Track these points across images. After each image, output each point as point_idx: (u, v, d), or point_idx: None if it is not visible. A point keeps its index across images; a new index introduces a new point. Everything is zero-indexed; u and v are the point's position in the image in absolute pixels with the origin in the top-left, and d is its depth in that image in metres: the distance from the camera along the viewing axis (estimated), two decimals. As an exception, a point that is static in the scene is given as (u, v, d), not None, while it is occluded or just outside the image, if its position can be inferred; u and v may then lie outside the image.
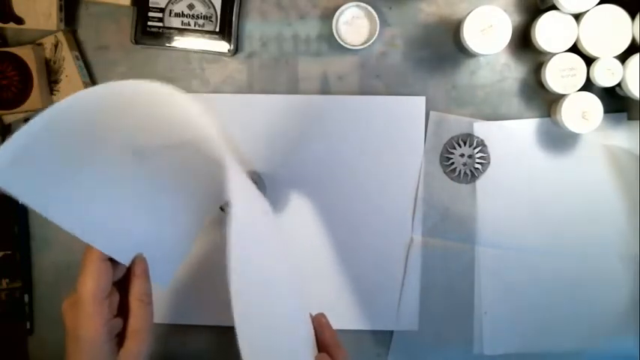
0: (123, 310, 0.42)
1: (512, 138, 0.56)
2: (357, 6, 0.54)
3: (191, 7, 0.55)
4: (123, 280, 0.43)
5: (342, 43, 0.54)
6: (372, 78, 0.57)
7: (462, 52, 0.55)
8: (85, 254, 0.41)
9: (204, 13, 0.55)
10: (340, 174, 0.56)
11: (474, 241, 0.56)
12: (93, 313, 0.39)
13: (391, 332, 0.57)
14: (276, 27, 0.57)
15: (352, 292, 0.57)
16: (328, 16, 0.56)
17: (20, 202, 0.35)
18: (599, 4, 0.50)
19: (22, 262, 0.58)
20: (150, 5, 0.55)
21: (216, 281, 0.58)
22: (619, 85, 0.51)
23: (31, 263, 0.59)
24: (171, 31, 0.55)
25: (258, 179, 0.53)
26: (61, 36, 0.55)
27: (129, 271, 0.43)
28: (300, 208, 0.57)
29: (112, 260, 0.41)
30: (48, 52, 0.56)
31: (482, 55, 0.53)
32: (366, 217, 0.56)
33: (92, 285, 0.40)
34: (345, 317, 0.57)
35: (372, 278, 0.57)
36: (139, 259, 0.43)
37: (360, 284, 0.57)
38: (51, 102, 0.56)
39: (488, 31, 0.50)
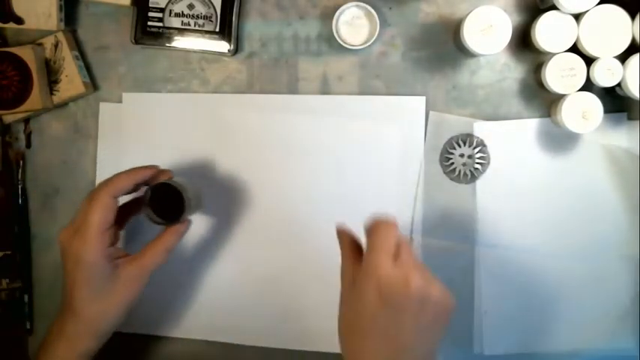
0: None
1: (512, 138, 0.56)
2: (357, 6, 0.54)
3: (191, 7, 0.55)
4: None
5: (342, 43, 0.54)
6: (372, 78, 0.57)
7: (462, 52, 0.55)
8: (95, 191, 0.46)
9: (204, 13, 0.55)
10: (339, 174, 0.56)
11: (473, 241, 0.56)
12: (96, 240, 0.45)
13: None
14: (276, 27, 0.57)
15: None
16: (328, 16, 0.56)
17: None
18: (599, 4, 0.50)
19: (22, 262, 0.58)
20: (150, 5, 0.55)
21: (200, 292, 0.58)
22: (619, 85, 0.51)
23: (31, 263, 0.59)
24: (171, 31, 0.55)
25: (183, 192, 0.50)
26: (61, 36, 0.55)
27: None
28: (298, 208, 0.57)
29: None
30: (48, 52, 0.56)
31: (482, 55, 0.53)
32: (365, 216, 0.56)
33: (100, 216, 0.45)
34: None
35: None
36: (186, 222, 0.50)
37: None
38: (51, 102, 0.56)
39: (488, 31, 0.50)
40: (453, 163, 0.56)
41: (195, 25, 0.55)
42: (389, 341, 0.40)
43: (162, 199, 0.49)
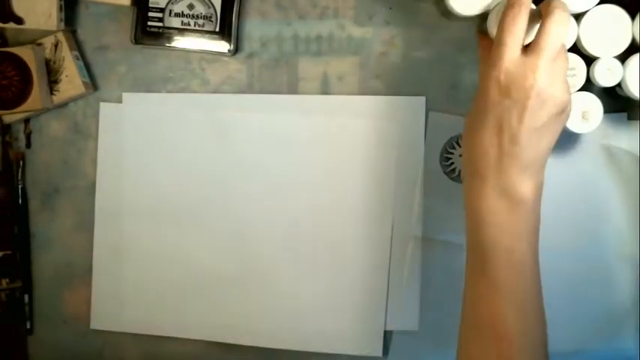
0: None
1: (512, 138, 0.56)
2: None
3: (191, 7, 0.55)
4: None
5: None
6: (372, 78, 0.57)
7: (444, 16, 0.55)
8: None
9: (204, 13, 0.55)
10: (339, 173, 0.56)
11: (473, 241, 0.56)
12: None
13: (391, 332, 0.57)
14: (276, 27, 0.57)
15: (351, 292, 0.57)
16: (328, 16, 0.56)
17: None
18: (599, 4, 0.50)
19: (22, 262, 0.58)
20: (150, 5, 0.55)
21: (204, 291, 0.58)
22: (619, 85, 0.51)
23: (31, 263, 0.59)
24: (172, 31, 0.55)
25: None
26: (61, 36, 0.55)
27: None
28: (298, 207, 0.57)
29: None
30: (48, 52, 0.56)
31: (463, 16, 0.49)
32: (365, 217, 0.56)
33: None
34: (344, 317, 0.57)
35: (371, 278, 0.57)
36: None
37: (359, 284, 0.57)
38: (51, 102, 0.56)
39: None
40: (452, 163, 0.56)
41: (195, 25, 0.55)
42: (501, 133, 0.41)
43: None
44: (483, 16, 0.50)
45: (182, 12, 0.55)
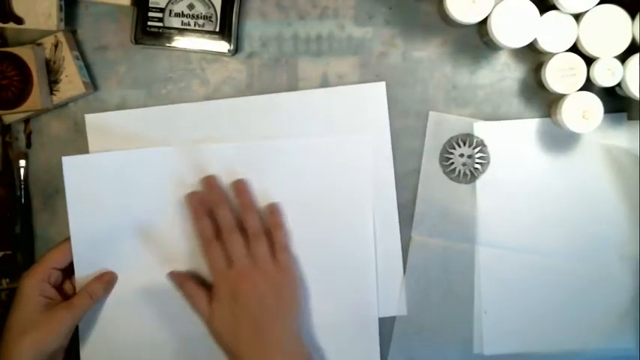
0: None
1: (512, 138, 0.56)
2: None
3: (191, 7, 0.55)
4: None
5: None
6: (372, 78, 0.57)
7: (445, 22, 0.55)
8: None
9: (204, 13, 0.55)
10: (306, 172, 0.56)
11: (473, 241, 0.56)
12: (37, 270, 0.53)
13: (390, 332, 0.57)
14: (276, 27, 0.57)
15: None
16: (328, 16, 0.56)
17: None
18: (599, 4, 0.50)
19: (24, 262, 0.58)
20: (150, 5, 0.55)
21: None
22: (619, 85, 0.51)
23: (33, 263, 0.59)
24: (171, 31, 0.55)
25: None
26: (61, 36, 0.55)
27: None
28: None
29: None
30: (48, 52, 0.56)
31: (466, 24, 0.51)
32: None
33: (53, 255, 0.54)
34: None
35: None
36: (109, 272, 0.56)
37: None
38: (51, 102, 0.56)
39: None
40: (452, 163, 0.56)
41: (195, 25, 0.55)
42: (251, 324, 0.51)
43: None
44: (482, 22, 0.50)
45: (182, 12, 0.55)
